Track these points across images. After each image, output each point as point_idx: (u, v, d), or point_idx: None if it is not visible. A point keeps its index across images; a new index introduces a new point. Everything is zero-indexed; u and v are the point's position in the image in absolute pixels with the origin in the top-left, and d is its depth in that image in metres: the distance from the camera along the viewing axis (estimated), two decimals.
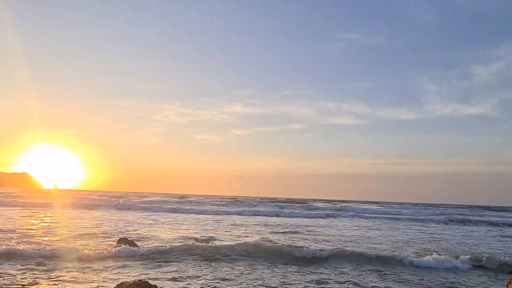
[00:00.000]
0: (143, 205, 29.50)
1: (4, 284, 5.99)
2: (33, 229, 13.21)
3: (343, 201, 79.08)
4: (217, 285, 6.61)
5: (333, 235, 14.97)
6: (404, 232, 18.12)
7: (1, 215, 18.93)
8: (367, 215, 30.28)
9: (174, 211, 26.79)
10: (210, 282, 6.74)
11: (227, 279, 7.02)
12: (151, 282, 5.77)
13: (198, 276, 7.15)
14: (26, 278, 6.42)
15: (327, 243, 12.23)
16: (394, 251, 10.86)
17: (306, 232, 15.63)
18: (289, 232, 15.56)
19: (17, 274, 6.68)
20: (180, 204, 35.05)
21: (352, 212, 32.34)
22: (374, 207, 46.69)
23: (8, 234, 11.50)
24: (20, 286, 5.89)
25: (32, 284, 6.07)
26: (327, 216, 28.21)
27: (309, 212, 30.17)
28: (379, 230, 18.58)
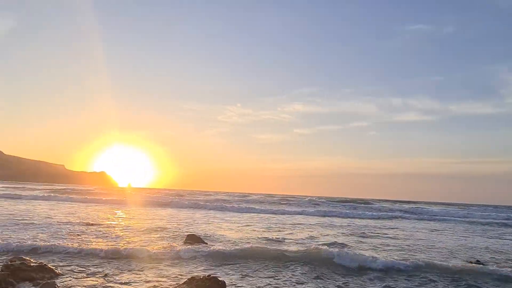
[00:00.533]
0: (208, 204, 30.34)
1: (80, 278, 6.40)
2: (109, 225, 14.16)
3: (410, 202, 74.62)
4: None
5: (406, 240, 14.04)
6: (488, 237, 16.48)
7: (81, 210, 20.67)
8: (439, 217, 28.18)
9: (238, 210, 27.14)
10: (282, 284, 6.61)
11: (301, 283, 6.82)
12: (219, 278, 5.81)
13: (270, 277, 7.07)
14: (97, 273, 6.82)
15: (403, 252, 11.45)
16: (483, 262, 9.84)
17: (375, 235, 14.87)
18: (357, 234, 14.91)
19: (90, 270, 7.12)
20: (243, 203, 35.56)
21: (421, 214, 30.32)
22: (449, 208, 43.41)
23: (86, 228, 12.46)
24: (95, 282, 6.25)
25: (104, 281, 6.40)
26: (394, 217, 26.76)
27: (374, 213, 28.84)
28: (454, 234, 17.11)
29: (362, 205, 41.12)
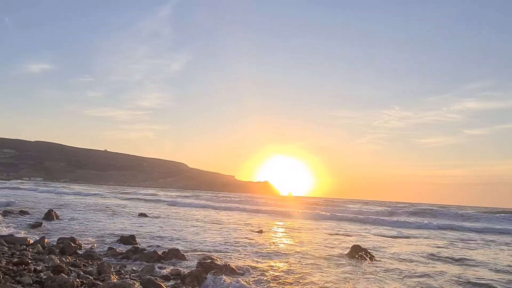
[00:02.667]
0: (366, 216, 29.06)
1: None
2: (276, 238, 15.09)
3: None
4: None
5: None
6: None
7: (253, 220, 22.67)
8: None
9: (408, 225, 24.43)
10: None
11: None
12: None
13: None
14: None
15: None
16: None
17: None
18: None
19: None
20: (412, 216, 32.48)
21: None
22: None
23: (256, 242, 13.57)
24: None
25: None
26: None
27: None
28: None
29: None
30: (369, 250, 10.17)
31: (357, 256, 9.58)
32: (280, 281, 6.98)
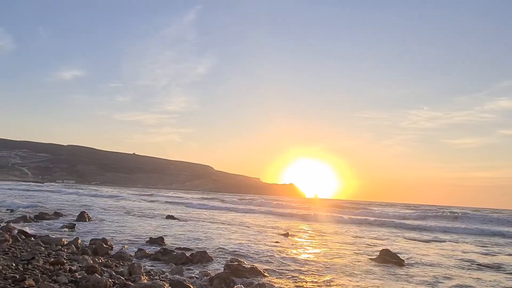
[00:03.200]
0: (394, 220, 28.35)
1: None
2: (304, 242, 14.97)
3: None
4: None
5: None
6: None
7: (281, 222, 22.61)
8: None
9: (439, 229, 23.52)
10: None
11: None
12: None
13: None
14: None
15: None
16: None
17: None
18: None
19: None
20: (444, 219, 31.27)
21: None
22: None
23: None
24: None
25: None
26: None
27: None
28: None
29: None
30: (398, 255, 9.93)
31: (386, 260, 9.38)
32: (308, 284, 6.93)
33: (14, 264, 6.20)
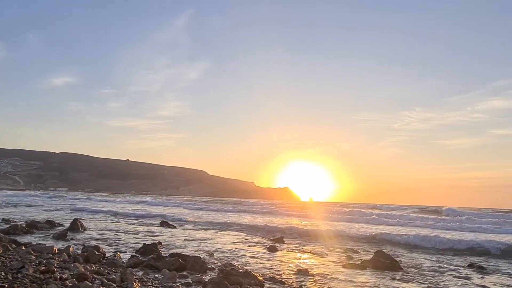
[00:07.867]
0: (396, 220, 28.39)
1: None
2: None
3: None
4: None
5: None
6: None
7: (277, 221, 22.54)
8: None
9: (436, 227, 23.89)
10: None
11: None
12: None
13: None
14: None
15: None
16: None
17: None
18: None
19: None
20: (443, 222, 31.23)
21: None
22: None
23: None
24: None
25: None
26: None
27: None
28: None
29: None
30: (393, 256, 9.93)
31: (380, 263, 9.37)
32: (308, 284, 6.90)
33: (3, 273, 6.08)
